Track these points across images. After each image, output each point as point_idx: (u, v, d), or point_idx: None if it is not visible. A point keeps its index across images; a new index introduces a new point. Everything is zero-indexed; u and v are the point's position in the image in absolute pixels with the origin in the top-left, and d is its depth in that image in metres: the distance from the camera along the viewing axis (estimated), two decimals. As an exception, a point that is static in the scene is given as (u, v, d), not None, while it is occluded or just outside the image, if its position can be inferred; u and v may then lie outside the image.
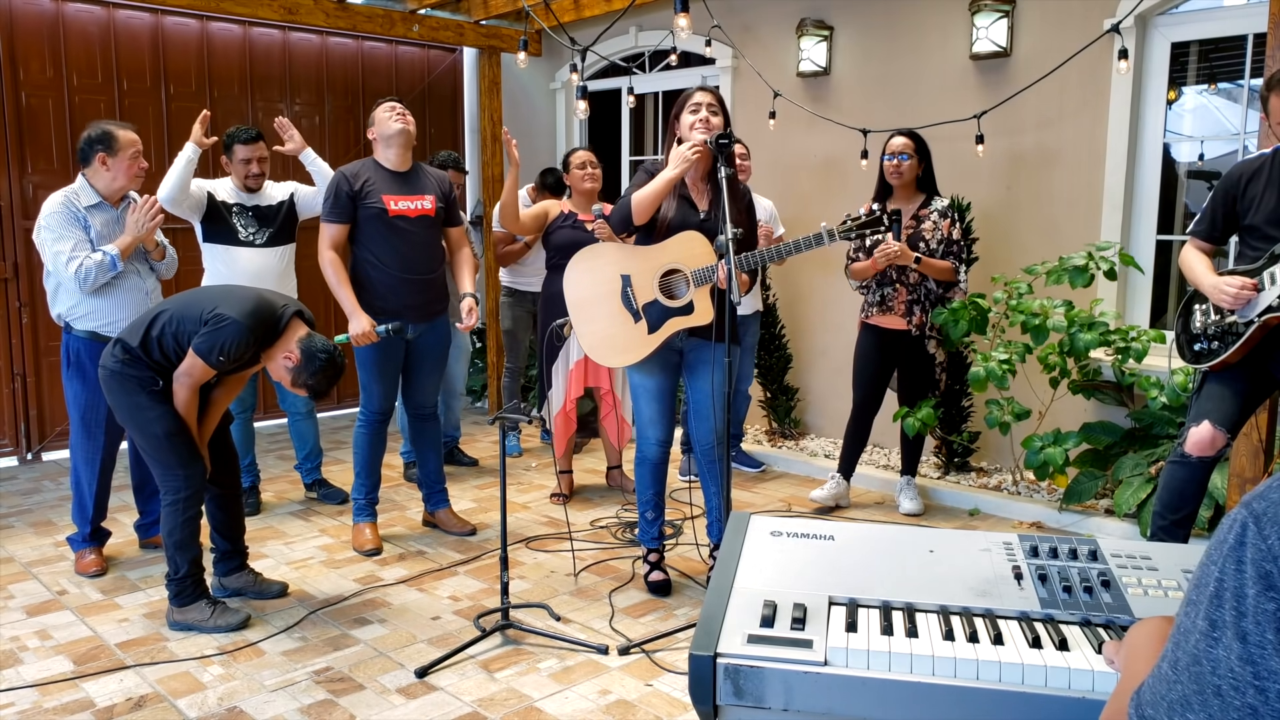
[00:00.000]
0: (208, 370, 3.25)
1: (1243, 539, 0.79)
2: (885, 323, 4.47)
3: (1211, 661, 0.79)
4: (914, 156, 4.35)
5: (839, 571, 1.49)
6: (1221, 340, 3.11)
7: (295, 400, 4.70)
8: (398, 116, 3.96)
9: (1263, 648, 0.76)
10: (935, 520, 4.53)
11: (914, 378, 4.54)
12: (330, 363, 3.28)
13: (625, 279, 3.48)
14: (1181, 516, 3.23)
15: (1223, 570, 0.80)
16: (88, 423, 3.81)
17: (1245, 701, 0.76)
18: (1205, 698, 0.79)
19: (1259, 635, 0.76)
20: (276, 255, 4.43)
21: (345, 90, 6.60)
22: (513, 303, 5.57)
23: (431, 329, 4.15)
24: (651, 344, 3.46)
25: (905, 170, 4.33)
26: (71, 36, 5.56)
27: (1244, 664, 0.77)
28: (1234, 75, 4.69)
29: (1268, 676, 0.75)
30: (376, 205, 3.91)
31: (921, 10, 5.18)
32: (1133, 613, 1.38)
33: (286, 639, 3.31)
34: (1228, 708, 0.77)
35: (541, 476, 5.29)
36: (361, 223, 3.93)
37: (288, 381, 3.33)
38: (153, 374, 3.27)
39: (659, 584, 3.69)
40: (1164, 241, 4.66)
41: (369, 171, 3.96)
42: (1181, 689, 0.81)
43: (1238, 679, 0.77)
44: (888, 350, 4.52)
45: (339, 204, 3.90)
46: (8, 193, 5.43)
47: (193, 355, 3.20)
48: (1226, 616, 0.78)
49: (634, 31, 6.55)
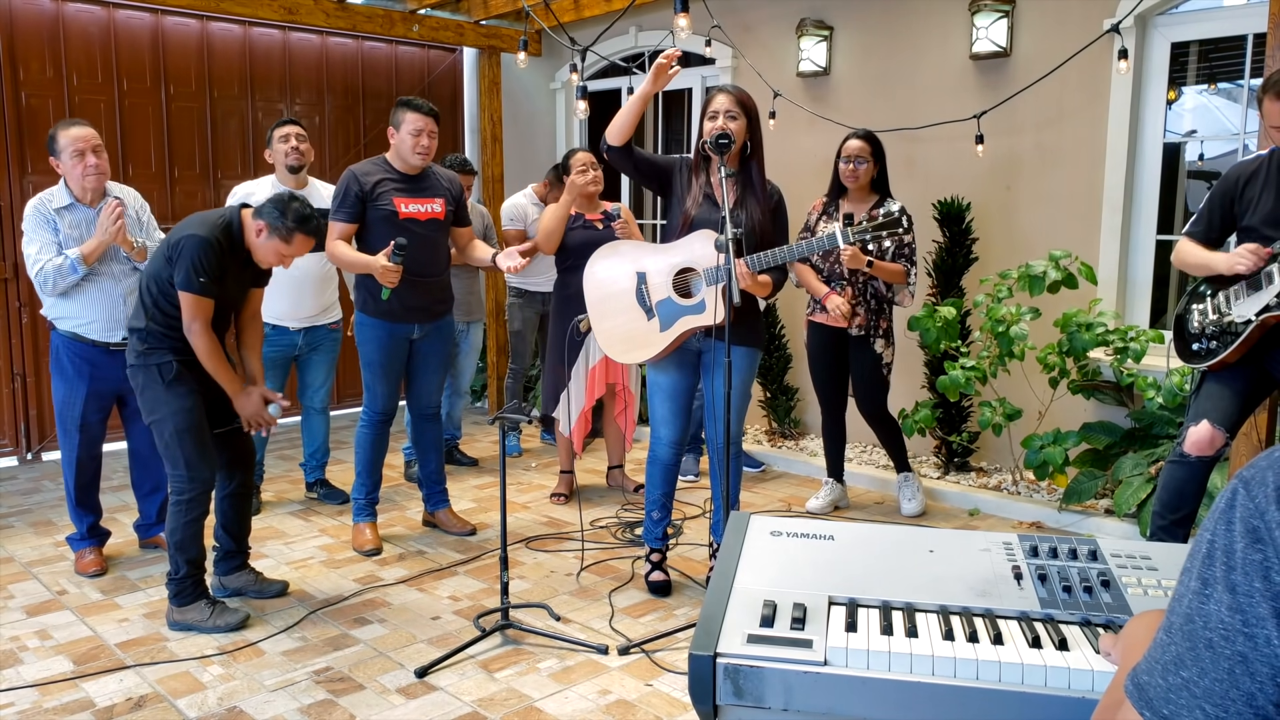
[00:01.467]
0: (203, 302, 3.24)
1: (1233, 502, 0.82)
2: (829, 320, 4.41)
3: (1203, 617, 0.81)
4: (870, 160, 4.30)
5: (839, 571, 1.49)
6: (1220, 340, 3.11)
7: (313, 395, 4.72)
8: (420, 151, 3.92)
9: (1250, 595, 0.78)
10: (935, 520, 4.53)
11: (863, 378, 4.47)
12: (290, 195, 3.37)
13: (641, 276, 3.49)
14: (1181, 516, 3.23)
15: (1214, 533, 0.82)
16: (64, 421, 3.84)
17: (1235, 650, 0.78)
18: (1197, 652, 0.81)
19: (1247, 584, 0.78)
20: (318, 260, 4.42)
21: (345, 90, 6.60)
22: (521, 304, 5.56)
23: (436, 330, 4.15)
24: (664, 341, 3.47)
25: (862, 174, 4.29)
26: (71, 36, 5.56)
27: (1233, 613, 0.78)
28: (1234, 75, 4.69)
29: (1255, 623, 0.77)
30: (387, 207, 3.91)
31: (921, 10, 5.18)
32: (1132, 613, 1.38)
33: (286, 639, 3.31)
34: (1219, 658, 0.79)
35: (541, 476, 5.29)
36: (371, 223, 3.93)
37: (283, 248, 3.33)
38: (171, 351, 3.28)
39: (659, 584, 3.69)
40: (1164, 241, 4.66)
41: (380, 172, 3.94)
42: (1175, 649, 0.83)
43: (1228, 629, 0.79)
44: (835, 348, 4.46)
45: (348, 204, 3.89)
46: (8, 193, 5.43)
47: (182, 296, 3.22)
48: (1217, 573, 0.81)
49: (634, 31, 6.56)
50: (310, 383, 4.69)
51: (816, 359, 4.54)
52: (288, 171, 4.43)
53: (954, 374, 4.43)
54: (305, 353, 4.59)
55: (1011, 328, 4.34)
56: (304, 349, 4.57)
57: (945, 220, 4.88)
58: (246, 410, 3.41)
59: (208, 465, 3.34)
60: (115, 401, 3.90)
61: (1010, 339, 4.34)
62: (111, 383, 3.81)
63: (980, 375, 4.44)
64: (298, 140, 4.43)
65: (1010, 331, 4.34)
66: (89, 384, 3.79)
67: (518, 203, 5.45)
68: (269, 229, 3.31)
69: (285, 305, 4.42)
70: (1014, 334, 4.33)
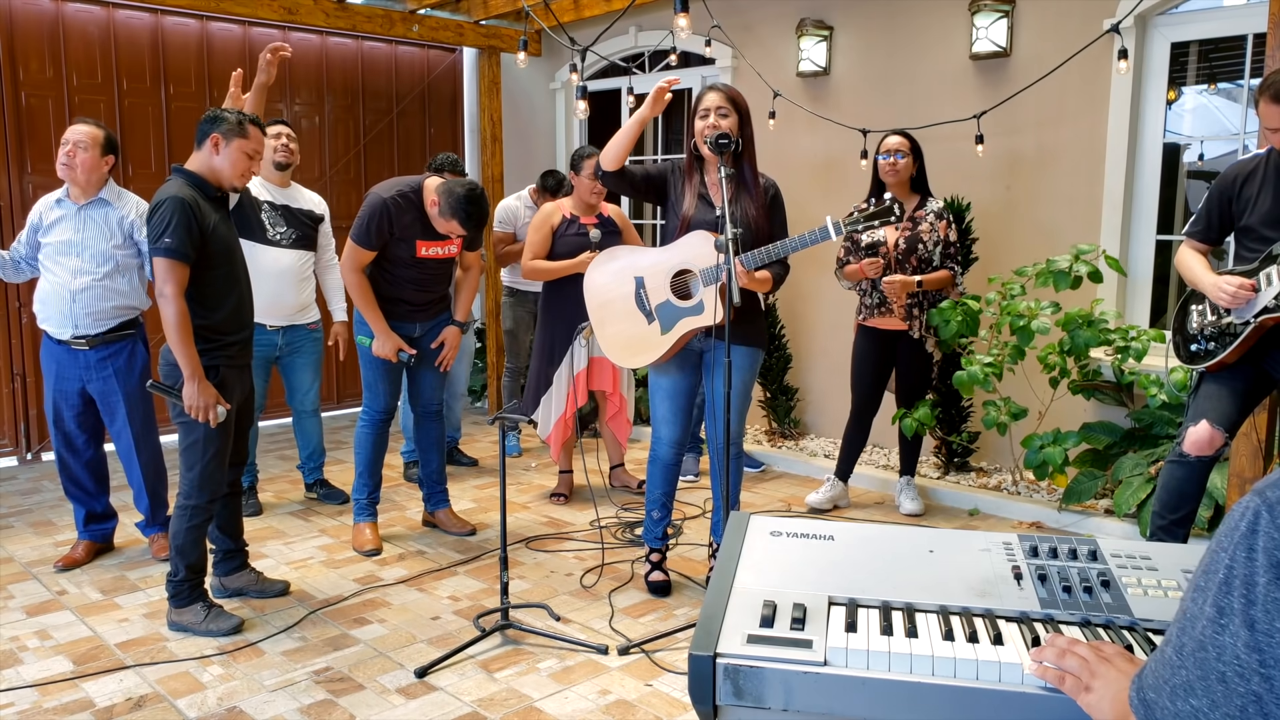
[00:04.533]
0: (176, 268, 3.11)
1: (1255, 526, 0.78)
2: (883, 324, 4.48)
3: (1217, 648, 0.78)
4: (909, 155, 4.35)
5: (839, 571, 1.49)
6: (1219, 341, 3.11)
7: (302, 398, 4.72)
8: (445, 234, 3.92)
9: (1270, 636, 0.75)
10: (935, 520, 4.53)
11: (912, 378, 4.55)
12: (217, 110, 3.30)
13: (639, 280, 3.49)
14: (1181, 516, 3.23)
15: (1233, 557, 0.79)
16: (47, 416, 3.94)
17: (1250, 689, 0.76)
18: (1209, 683, 0.78)
19: (1267, 623, 0.75)
20: (298, 257, 4.46)
21: (345, 90, 6.60)
22: (514, 303, 5.57)
23: (435, 328, 4.16)
24: (666, 344, 3.46)
25: (901, 168, 4.33)
26: (71, 36, 5.56)
27: (1250, 651, 0.76)
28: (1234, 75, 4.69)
29: (1274, 665, 0.75)
30: (408, 248, 3.95)
31: (921, 10, 5.18)
32: (1132, 613, 1.38)
33: (286, 639, 3.31)
34: (1231, 694, 0.77)
35: (541, 476, 5.29)
36: (388, 254, 3.96)
37: (245, 145, 3.24)
38: (205, 355, 3.23)
39: (659, 584, 3.69)
40: (1164, 241, 4.66)
41: (412, 214, 3.92)
42: (1185, 674, 0.81)
43: (1243, 666, 0.76)
44: (885, 352, 4.53)
45: (375, 235, 3.88)
46: (8, 193, 5.43)
47: (155, 264, 3.13)
48: (1235, 604, 0.77)
49: (634, 31, 6.55)
50: (297, 386, 4.67)
51: (865, 361, 4.57)
52: (274, 168, 4.44)
53: (971, 369, 4.39)
54: (286, 354, 4.55)
55: (1033, 322, 4.32)
56: (284, 349, 4.53)
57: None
58: (200, 400, 3.18)
59: (220, 479, 3.35)
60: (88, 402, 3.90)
61: (1030, 333, 4.32)
62: (74, 381, 3.84)
63: (997, 372, 4.42)
64: (288, 139, 4.47)
65: (1032, 326, 4.32)
66: (54, 381, 3.85)
67: (510, 205, 5.47)
68: (223, 138, 3.23)
69: (263, 301, 4.38)
70: (1035, 328, 4.30)
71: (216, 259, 3.25)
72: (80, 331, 3.76)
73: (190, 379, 3.18)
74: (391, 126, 6.82)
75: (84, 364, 3.80)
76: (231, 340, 3.33)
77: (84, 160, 3.68)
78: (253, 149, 3.28)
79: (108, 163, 3.76)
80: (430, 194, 3.88)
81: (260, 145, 3.33)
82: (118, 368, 3.82)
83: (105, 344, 3.78)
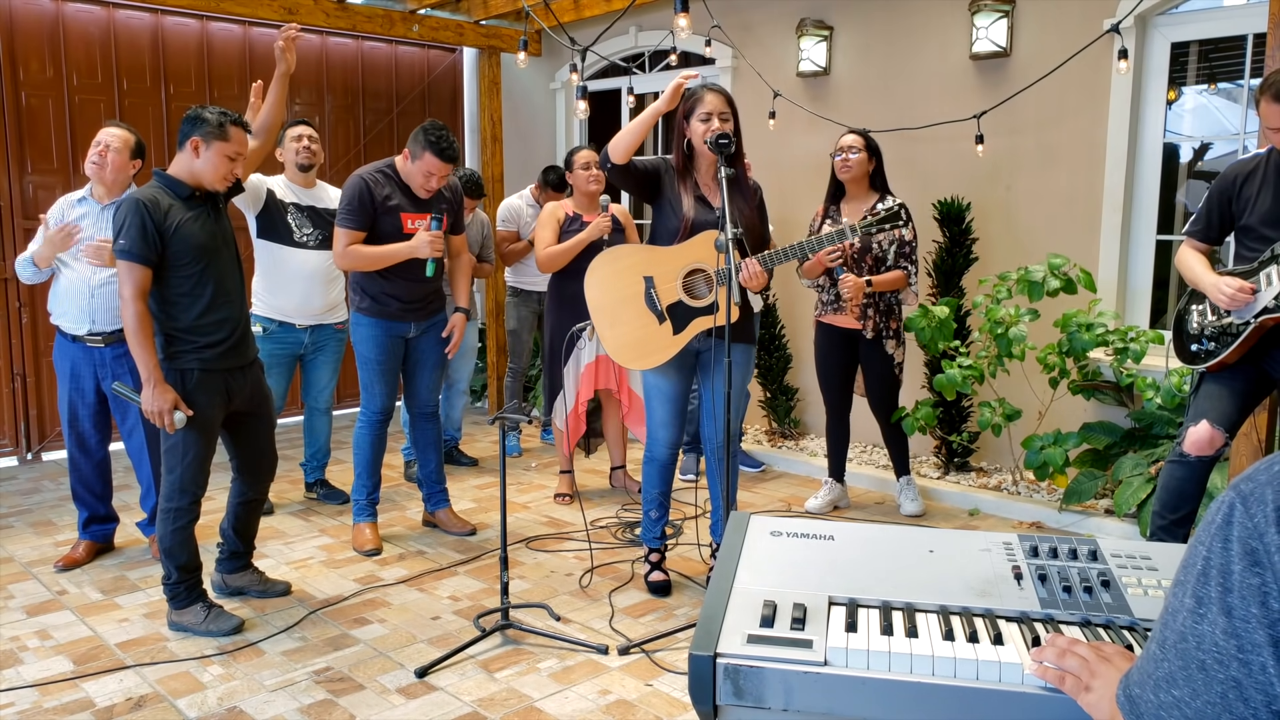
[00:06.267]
0: (132, 269, 3.09)
1: (1230, 518, 0.80)
2: (839, 321, 4.45)
3: (1197, 637, 0.80)
4: (863, 152, 4.32)
5: (839, 571, 1.49)
6: (1219, 341, 3.12)
7: (317, 395, 4.73)
8: (428, 191, 3.92)
9: (1247, 621, 0.76)
10: (935, 520, 4.53)
11: (876, 379, 4.50)
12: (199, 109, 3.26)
13: (648, 281, 3.48)
14: (1181, 516, 3.23)
15: (1210, 549, 0.80)
16: (62, 416, 3.97)
17: (1229, 675, 0.77)
18: (1190, 673, 0.80)
19: (1244, 609, 0.77)
20: (325, 258, 4.45)
21: (345, 90, 6.60)
22: (518, 302, 5.56)
23: (431, 327, 4.15)
24: (678, 345, 3.47)
25: (854, 164, 4.30)
26: (71, 36, 5.56)
27: (1228, 637, 0.77)
28: (1234, 75, 4.69)
29: (1251, 649, 0.76)
30: (394, 222, 3.93)
31: (921, 10, 5.18)
32: (1132, 613, 1.38)
33: (286, 639, 3.31)
34: (1211, 681, 0.78)
35: (541, 476, 5.29)
36: (377, 232, 3.94)
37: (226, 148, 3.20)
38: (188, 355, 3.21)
39: (659, 584, 3.69)
40: (1164, 241, 4.66)
41: (391, 186, 3.93)
42: (1168, 666, 0.82)
43: (1222, 653, 0.78)
44: (846, 349, 4.50)
45: (361, 213, 3.87)
46: (8, 193, 5.43)
47: (118, 264, 3.12)
48: (1212, 593, 0.79)
49: (634, 31, 6.55)
50: (315, 382, 4.70)
51: (825, 359, 4.55)
52: (298, 169, 4.45)
53: (950, 373, 4.45)
54: (310, 352, 4.60)
55: (1010, 329, 4.35)
56: (309, 348, 4.57)
57: (945, 220, 4.88)
58: (154, 404, 3.13)
59: (201, 483, 3.32)
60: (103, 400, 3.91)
61: (1009, 340, 4.34)
62: (90, 379, 3.85)
63: (978, 375, 4.45)
64: (310, 140, 4.47)
65: (1009, 333, 4.34)
66: (69, 380, 3.86)
67: (513, 205, 5.47)
68: (203, 141, 3.20)
69: (293, 302, 4.43)
70: (1013, 336, 4.34)
71: (183, 259, 3.19)
72: (97, 327, 3.79)
73: (146, 382, 3.14)
74: (392, 126, 6.82)
75: (99, 361, 3.83)
76: (211, 341, 3.26)
77: (115, 161, 3.75)
78: (234, 151, 3.24)
79: (135, 166, 3.83)
80: (400, 159, 3.94)
81: (242, 146, 3.28)
82: (132, 366, 3.82)
83: (120, 341, 3.79)
